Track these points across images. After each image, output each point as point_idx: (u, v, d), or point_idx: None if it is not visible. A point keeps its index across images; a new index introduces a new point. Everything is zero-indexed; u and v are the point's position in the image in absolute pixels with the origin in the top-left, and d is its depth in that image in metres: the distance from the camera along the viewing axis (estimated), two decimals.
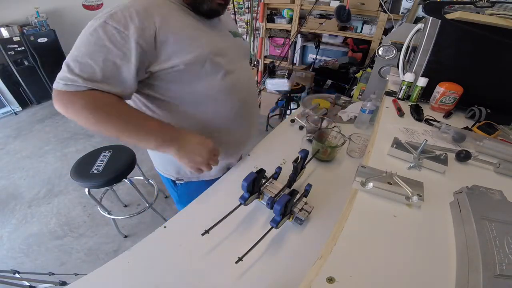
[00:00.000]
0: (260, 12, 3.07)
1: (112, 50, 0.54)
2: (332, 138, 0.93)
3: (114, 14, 0.54)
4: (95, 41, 0.53)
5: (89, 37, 0.54)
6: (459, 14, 0.72)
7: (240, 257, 0.52)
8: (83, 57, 0.53)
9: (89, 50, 0.54)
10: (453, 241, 0.40)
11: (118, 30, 0.53)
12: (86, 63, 0.53)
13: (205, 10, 0.66)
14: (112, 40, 0.54)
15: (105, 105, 0.56)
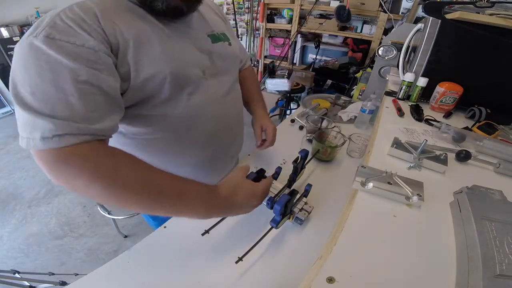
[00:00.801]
0: (260, 12, 3.07)
1: (80, 69, 0.40)
2: (332, 138, 0.93)
3: (54, 26, 0.40)
4: (48, 66, 0.38)
5: (35, 62, 0.38)
6: (459, 14, 0.72)
7: (240, 257, 0.52)
8: (43, 90, 0.38)
9: (46, 79, 0.38)
10: (453, 241, 0.40)
11: (71, 43, 0.40)
12: (52, 97, 0.38)
13: (160, 10, 0.50)
14: (73, 58, 0.39)
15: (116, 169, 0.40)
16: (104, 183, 0.39)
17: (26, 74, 0.39)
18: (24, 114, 0.38)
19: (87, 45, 0.41)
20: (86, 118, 0.40)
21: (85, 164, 0.39)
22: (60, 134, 0.37)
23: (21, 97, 0.38)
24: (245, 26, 3.47)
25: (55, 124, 0.37)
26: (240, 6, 3.37)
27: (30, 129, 0.37)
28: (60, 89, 0.38)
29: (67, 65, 0.39)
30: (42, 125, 0.37)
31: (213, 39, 0.63)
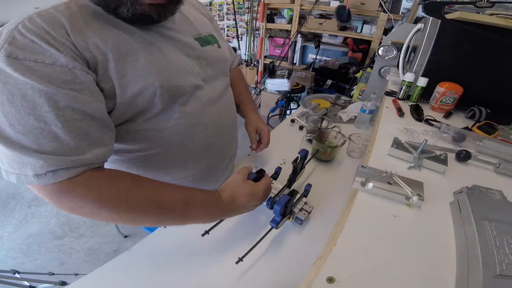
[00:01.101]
0: (260, 12, 3.07)
1: (57, 94, 0.35)
2: (332, 138, 0.93)
3: (14, 42, 0.34)
4: (19, 92, 0.33)
5: (2, 88, 0.33)
6: (459, 14, 0.72)
7: (240, 258, 0.52)
8: (21, 122, 0.34)
9: (21, 108, 0.34)
10: (453, 241, 0.40)
11: (39, 62, 0.35)
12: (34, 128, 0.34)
13: (127, 17, 0.44)
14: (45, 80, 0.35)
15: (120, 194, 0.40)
16: (111, 209, 0.39)
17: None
18: (5, 149, 0.34)
19: (58, 63, 0.36)
20: (76, 149, 0.37)
21: (88, 193, 0.38)
22: (53, 170, 0.35)
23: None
24: (245, 26, 3.47)
25: (45, 160, 0.35)
26: (240, 6, 3.37)
27: (18, 165, 0.35)
28: (40, 119, 0.35)
29: (41, 90, 0.34)
30: (31, 161, 0.34)
31: (201, 42, 0.59)
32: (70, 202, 0.38)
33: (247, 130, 0.83)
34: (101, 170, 0.42)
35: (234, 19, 3.43)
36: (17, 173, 0.35)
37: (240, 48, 3.67)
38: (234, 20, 3.45)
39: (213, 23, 0.70)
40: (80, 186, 0.38)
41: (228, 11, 3.51)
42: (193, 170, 0.64)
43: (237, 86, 0.84)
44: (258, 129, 0.81)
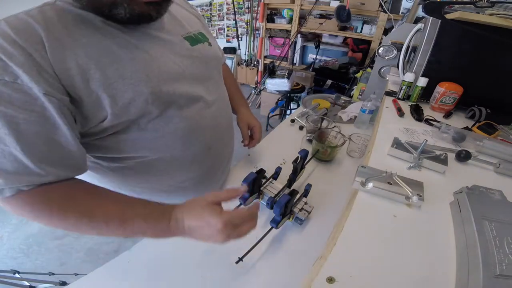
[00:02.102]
0: (260, 12, 3.07)
1: (16, 116, 0.34)
2: (332, 138, 0.93)
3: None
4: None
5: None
6: (459, 14, 0.72)
7: (240, 257, 0.52)
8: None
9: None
10: (453, 241, 0.40)
11: None
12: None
13: (124, 18, 0.41)
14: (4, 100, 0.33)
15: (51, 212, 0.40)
16: (44, 221, 0.41)
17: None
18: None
19: (19, 80, 0.33)
20: (36, 172, 0.37)
21: (24, 209, 0.39)
22: (8, 188, 0.37)
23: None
24: (245, 26, 3.48)
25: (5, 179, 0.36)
26: (240, 6, 3.37)
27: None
28: (0, 141, 0.34)
29: (3, 110, 0.33)
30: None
31: (191, 41, 0.56)
32: (12, 211, 0.40)
33: (239, 126, 0.82)
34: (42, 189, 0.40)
35: (234, 19, 3.44)
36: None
37: (240, 48, 3.67)
38: (234, 20, 3.45)
39: (201, 21, 0.67)
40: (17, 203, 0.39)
41: (228, 11, 3.52)
42: (195, 172, 0.64)
43: (226, 83, 0.79)
44: (250, 125, 0.82)
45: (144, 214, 0.43)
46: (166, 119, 0.51)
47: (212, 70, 0.62)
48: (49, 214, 0.40)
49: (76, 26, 0.40)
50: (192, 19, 0.63)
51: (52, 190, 0.41)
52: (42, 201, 0.40)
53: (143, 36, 0.47)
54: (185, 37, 0.55)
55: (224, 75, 0.79)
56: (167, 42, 0.51)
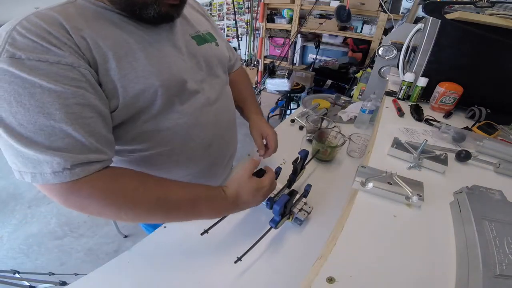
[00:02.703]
0: (260, 12, 3.07)
1: (65, 92, 0.36)
2: (332, 138, 0.93)
3: (15, 43, 0.34)
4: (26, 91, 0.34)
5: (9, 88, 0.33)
6: (459, 14, 0.72)
7: (239, 257, 0.52)
8: (32, 121, 0.34)
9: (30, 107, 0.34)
10: (453, 241, 0.40)
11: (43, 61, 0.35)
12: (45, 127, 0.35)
13: (151, 17, 0.46)
14: (53, 79, 0.35)
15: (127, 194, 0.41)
16: (115, 207, 0.40)
17: (3, 103, 0.33)
18: (19, 148, 0.34)
19: (63, 61, 0.36)
20: (88, 146, 0.38)
21: (94, 193, 0.39)
22: (69, 168, 0.36)
23: (8, 128, 0.34)
24: (245, 26, 3.47)
25: (61, 157, 0.36)
26: (240, 6, 3.37)
27: (33, 164, 0.35)
28: (50, 117, 0.35)
29: (50, 88, 0.35)
30: (47, 159, 0.35)
31: (198, 41, 0.59)
32: (77, 202, 0.39)
33: (252, 135, 0.79)
34: (110, 169, 0.42)
35: (234, 19, 3.43)
36: (31, 172, 0.36)
37: (240, 48, 3.67)
38: (234, 20, 3.45)
39: (210, 22, 0.70)
40: (86, 186, 0.38)
41: (228, 11, 3.52)
42: (194, 169, 0.64)
43: (240, 88, 0.82)
44: (264, 134, 0.77)
45: (207, 196, 0.49)
46: (168, 114, 0.53)
47: (216, 69, 0.64)
48: (122, 200, 0.40)
49: (96, 20, 0.43)
50: (201, 19, 0.65)
51: (120, 174, 0.42)
52: (113, 179, 0.41)
53: (156, 34, 0.50)
54: (193, 36, 0.58)
55: (237, 79, 0.82)
56: (176, 41, 0.54)
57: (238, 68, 0.86)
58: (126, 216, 0.41)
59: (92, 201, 0.39)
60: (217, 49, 0.64)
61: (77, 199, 0.39)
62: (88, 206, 0.39)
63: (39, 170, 0.36)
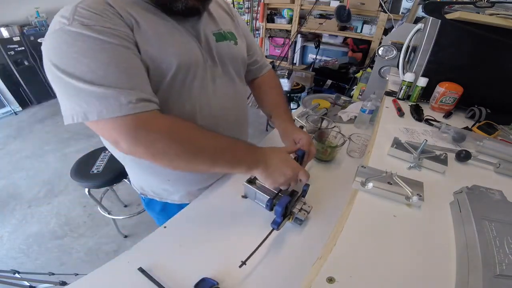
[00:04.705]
0: (260, 12, 3.07)
1: (129, 49, 0.45)
2: (332, 138, 0.93)
3: (82, 15, 0.42)
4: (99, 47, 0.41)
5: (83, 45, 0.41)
6: (459, 14, 0.72)
7: (243, 261, 0.52)
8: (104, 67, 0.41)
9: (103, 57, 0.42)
10: (453, 241, 0.40)
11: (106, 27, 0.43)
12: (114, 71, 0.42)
13: (179, 10, 0.52)
14: (117, 38, 0.43)
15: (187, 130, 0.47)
16: (179, 143, 0.45)
17: (78, 56, 0.41)
18: (88, 88, 0.40)
19: (118, 29, 0.44)
20: (145, 89, 0.45)
21: (162, 128, 0.44)
22: (134, 102, 0.42)
23: (79, 75, 0.40)
24: None
25: (128, 93, 0.42)
26: (240, 6, 3.37)
27: (100, 100, 0.40)
28: (119, 65, 0.43)
29: (118, 44, 0.43)
30: (114, 95, 0.41)
31: (218, 37, 0.63)
32: (146, 137, 0.43)
33: (284, 144, 0.76)
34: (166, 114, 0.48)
35: None
36: (98, 109, 0.41)
37: None
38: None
39: (234, 22, 0.73)
40: (152, 120, 0.44)
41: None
42: None
43: (267, 93, 0.83)
44: (296, 139, 0.73)
45: (246, 143, 0.57)
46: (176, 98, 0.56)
47: (230, 66, 0.67)
48: (185, 134, 0.46)
49: (133, 6, 0.50)
50: (226, 18, 0.70)
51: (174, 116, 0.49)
52: (176, 120, 0.47)
53: (182, 25, 0.56)
54: (214, 33, 0.62)
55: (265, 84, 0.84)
56: (199, 34, 0.59)
57: (267, 72, 0.86)
58: (186, 154, 0.46)
59: (161, 136, 0.44)
60: (234, 48, 0.67)
61: (146, 134, 0.43)
62: (156, 141, 0.44)
63: (105, 106, 0.41)
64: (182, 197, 0.75)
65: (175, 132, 0.46)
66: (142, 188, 0.77)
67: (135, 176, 0.76)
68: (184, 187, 0.74)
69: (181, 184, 0.73)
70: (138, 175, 0.75)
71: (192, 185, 0.74)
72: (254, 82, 0.86)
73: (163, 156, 0.45)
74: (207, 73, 0.60)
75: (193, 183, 0.74)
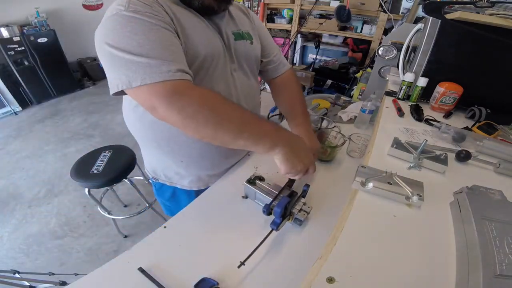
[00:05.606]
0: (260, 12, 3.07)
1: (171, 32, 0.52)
2: (332, 138, 0.93)
3: (135, 5, 0.50)
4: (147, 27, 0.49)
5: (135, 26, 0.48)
6: (459, 14, 0.72)
7: (242, 262, 0.52)
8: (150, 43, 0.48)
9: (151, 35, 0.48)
10: (453, 241, 0.40)
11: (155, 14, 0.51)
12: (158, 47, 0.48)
13: (195, 6, 0.60)
14: (163, 22, 0.51)
15: (216, 100, 0.51)
16: (209, 108, 0.49)
17: (130, 34, 0.47)
18: (135, 59, 0.46)
19: (164, 19, 0.52)
20: (183, 63, 0.51)
21: (194, 95, 0.49)
22: (174, 71, 0.47)
23: (129, 49, 0.47)
24: None
25: (168, 63, 0.48)
26: None
27: (145, 69, 0.46)
28: (161, 42, 0.49)
29: (163, 27, 0.50)
30: (157, 64, 0.47)
31: (236, 36, 0.69)
32: (179, 101, 0.47)
33: None
34: None
35: None
36: (141, 77, 0.46)
37: None
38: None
39: (251, 23, 0.78)
40: (188, 88, 0.49)
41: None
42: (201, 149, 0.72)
43: (283, 94, 0.85)
44: None
45: (273, 124, 0.58)
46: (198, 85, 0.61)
47: (244, 64, 0.73)
48: (215, 101, 0.50)
49: (171, 4, 0.57)
50: (245, 20, 0.77)
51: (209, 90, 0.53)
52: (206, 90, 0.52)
53: (209, 20, 0.64)
54: (234, 32, 0.69)
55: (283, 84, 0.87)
56: (221, 32, 0.66)
57: (285, 72, 0.87)
58: (214, 118, 0.49)
59: (192, 101, 0.48)
60: (250, 47, 0.73)
61: (179, 98, 0.47)
62: (188, 106, 0.47)
63: (148, 74, 0.46)
64: (191, 182, 0.80)
65: (205, 99, 0.50)
66: (155, 172, 0.82)
67: (150, 158, 0.81)
68: (195, 171, 0.78)
69: (193, 168, 0.77)
70: (154, 156, 0.79)
71: (203, 170, 0.79)
72: (272, 82, 0.88)
73: (192, 121, 0.49)
74: (227, 66, 0.67)
75: (204, 168, 0.78)
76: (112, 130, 2.92)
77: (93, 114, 3.28)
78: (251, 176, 0.69)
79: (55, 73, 3.53)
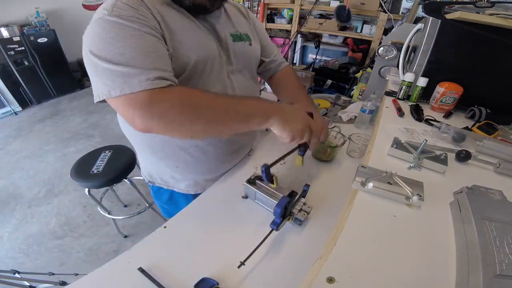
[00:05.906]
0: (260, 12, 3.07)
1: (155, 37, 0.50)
2: (332, 138, 0.93)
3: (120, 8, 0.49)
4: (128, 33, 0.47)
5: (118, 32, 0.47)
6: (459, 14, 0.72)
7: (242, 262, 0.52)
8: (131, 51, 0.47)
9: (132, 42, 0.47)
10: (453, 241, 0.40)
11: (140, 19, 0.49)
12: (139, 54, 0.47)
13: (187, 6, 0.58)
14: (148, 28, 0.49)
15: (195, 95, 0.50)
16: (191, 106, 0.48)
17: (112, 40, 0.46)
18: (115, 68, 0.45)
19: (149, 23, 0.50)
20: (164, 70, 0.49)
21: (173, 97, 0.47)
22: (152, 79, 0.46)
23: (110, 58, 0.46)
24: None
25: (148, 72, 0.46)
26: None
27: (124, 78, 0.45)
28: (142, 50, 0.48)
29: (146, 32, 0.49)
30: (136, 73, 0.45)
31: (234, 38, 0.68)
32: (159, 108, 0.46)
33: None
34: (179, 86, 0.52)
35: None
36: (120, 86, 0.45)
37: None
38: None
39: (250, 25, 0.78)
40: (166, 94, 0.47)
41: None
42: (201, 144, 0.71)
43: (287, 86, 0.87)
44: None
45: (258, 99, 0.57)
46: None
47: (243, 65, 0.72)
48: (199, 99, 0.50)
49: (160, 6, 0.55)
50: (243, 21, 0.76)
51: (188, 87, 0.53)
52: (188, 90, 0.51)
53: (203, 21, 0.62)
54: (232, 34, 0.68)
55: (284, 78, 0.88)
56: (217, 33, 0.65)
57: (284, 67, 0.90)
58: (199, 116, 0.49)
59: (171, 104, 0.47)
60: (249, 48, 0.72)
61: (158, 105, 0.46)
62: (169, 110, 0.47)
63: (127, 83, 0.45)
64: (188, 186, 0.79)
65: (185, 98, 0.49)
66: (151, 176, 0.81)
67: (145, 162, 0.81)
68: (191, 176, 0.78)
69: (189, 172, 0.76)
70: (149, 161, 0.79)
71: (199, 174, 0.78)
72: (272, 77, 0.90)
73: (178, 125, 0.48)
74: (223, 69, 0.65)
75: (200, 173, 0.77)
76: (112, 130, 2.92)
77: (93, 114, 3.28)
78: (251, 176, 0.69)
79: (55, 73, 3.53)
